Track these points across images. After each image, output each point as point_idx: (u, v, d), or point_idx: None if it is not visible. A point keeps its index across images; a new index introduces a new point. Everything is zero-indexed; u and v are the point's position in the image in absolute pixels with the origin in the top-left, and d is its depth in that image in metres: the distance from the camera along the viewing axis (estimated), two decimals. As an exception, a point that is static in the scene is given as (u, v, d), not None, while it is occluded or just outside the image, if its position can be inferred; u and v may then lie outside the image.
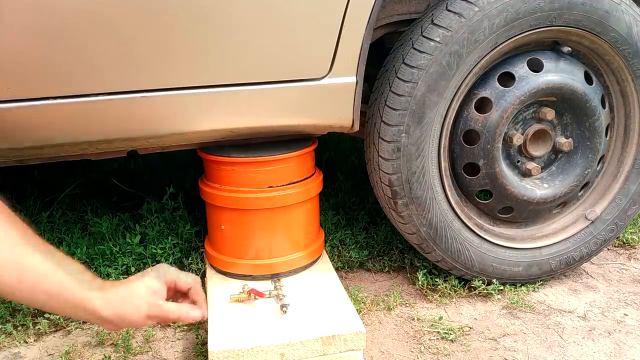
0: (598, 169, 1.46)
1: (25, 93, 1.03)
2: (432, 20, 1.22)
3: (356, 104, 1.20)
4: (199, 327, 1.32)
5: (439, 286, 1.44)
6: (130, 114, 1.09)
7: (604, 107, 1.38)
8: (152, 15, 1.03)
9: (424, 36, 1.22)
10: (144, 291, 0.81)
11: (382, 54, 1.37)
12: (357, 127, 1.24)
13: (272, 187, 1.27)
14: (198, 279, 0.91)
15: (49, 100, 1.04)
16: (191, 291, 0.89)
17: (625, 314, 1.38)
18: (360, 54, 1.15)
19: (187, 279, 0.88)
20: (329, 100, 1.18)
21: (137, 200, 1.77)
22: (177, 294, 0.89)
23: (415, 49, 1.23)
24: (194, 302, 0.89)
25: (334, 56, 1.14)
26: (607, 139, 1.43)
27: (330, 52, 1.13)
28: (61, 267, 0.76)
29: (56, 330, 1.34)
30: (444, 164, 1.34)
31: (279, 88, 1.14)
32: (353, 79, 1.17)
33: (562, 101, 1.34)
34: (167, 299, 0.85)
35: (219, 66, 1.10)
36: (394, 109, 1.25)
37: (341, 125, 1.23)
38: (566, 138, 1.38)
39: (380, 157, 1.29)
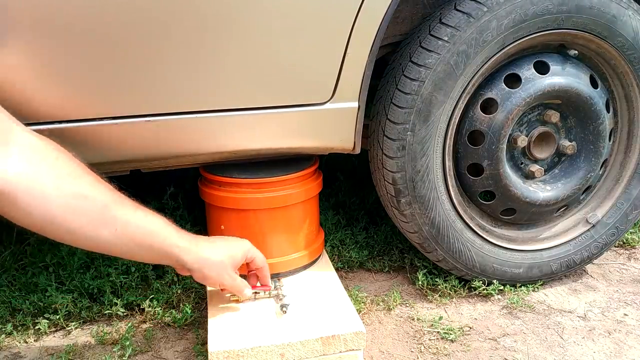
0: (600, 173, 1.47)
1: (32, 118, 1.03)
2: (440, 20, 1.21)
3: (358, 127, 1.22)
4: (199, 327, 1.31)
5: (439, 286, 1.44)
6: (136, 138, 1.10)
7: (608, 111, 1.38)
8: (158, 41, 1.03)
9: (432, 35, 1.21)
10: (224, 257, 1.05)
11: (381, 67, 1.36)
12: (358, 150, 1.26)
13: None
14: (266, 264, 1.17)
15: (54, 124, 1.04)
16: (261, 272, 1.18)
17: (625, 314, 1.38)
18: (362, 80, 1.17)
19: (261, 261, 1.16)
20: (331, 124, 1.21)
21: (137, 200, 1.74)
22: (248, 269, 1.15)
23: (422, 47, 1.22)
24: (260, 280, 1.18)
25: (337, 83, 1.16)
26: (610, 143, 1.44)
27: (333, 79, 1.16)
28: (153, 221, 0.97)
29: (56, 330, 1.31)
30: (448, 164, 1.33)
31: (283, 113, 1.16)
32: (355, 104, 1.19)
33: (567, 104, 1.34)
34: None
35: (226, 91, 1.12)
36: (400, 107, 1.24)
37: (343, 147, 1.25)
38: (570, 141, 1.38)
39: (385, 155, 1.28)
